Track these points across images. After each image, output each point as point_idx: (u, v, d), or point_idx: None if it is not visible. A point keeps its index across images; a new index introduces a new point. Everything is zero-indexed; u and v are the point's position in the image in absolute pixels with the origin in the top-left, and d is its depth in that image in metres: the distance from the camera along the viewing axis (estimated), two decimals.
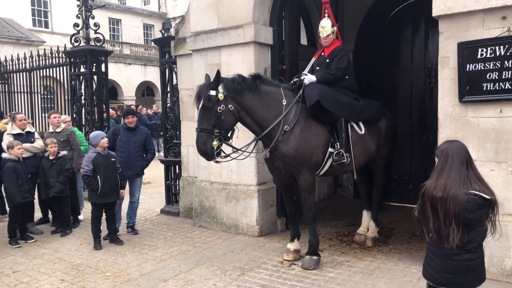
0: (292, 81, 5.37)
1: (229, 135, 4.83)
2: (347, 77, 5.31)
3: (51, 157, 6.42)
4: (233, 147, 4.93)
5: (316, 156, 4.98)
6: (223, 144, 4.70)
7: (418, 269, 4.75)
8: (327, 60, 5.30)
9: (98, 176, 5.76)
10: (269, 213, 6.29)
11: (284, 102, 4.95)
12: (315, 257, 4.99)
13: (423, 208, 2.74)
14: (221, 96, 4.59)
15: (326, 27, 5.32)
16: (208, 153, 4.60)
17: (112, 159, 5.93)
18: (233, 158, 4.96)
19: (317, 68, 5.38)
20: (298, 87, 5.17)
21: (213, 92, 4.59)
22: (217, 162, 4.83)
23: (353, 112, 5.22)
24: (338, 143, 5.03)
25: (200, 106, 4.62)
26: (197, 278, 4.77)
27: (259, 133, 4.95)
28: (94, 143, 5.87)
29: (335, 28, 5.37)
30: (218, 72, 4.65)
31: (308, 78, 5.13)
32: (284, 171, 5.01)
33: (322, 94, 4.92)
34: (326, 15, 5.38)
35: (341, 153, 4.98)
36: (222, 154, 4.75)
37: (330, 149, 5.04)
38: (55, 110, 7.67)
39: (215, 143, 4.57)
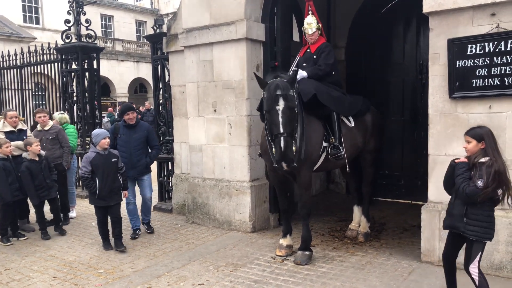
0: None
1: None
2: (333, 73, 5.40)
3: (36, 158, 6.05)
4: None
5: (316, 152, 5.03)
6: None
7: (409, 263, 4.82)
8: (314, 56, 5.37)
9: (97, 178, 5.40)
10: (261, 209, 6.31)
11: None
12: (307, 253, 5.03)
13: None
14: (296, 96, 4.52)
15: (312, 23, 5.39)
16: (293, 159, 4.43)
17: (113, 160, 5.54)
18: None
19: (304, 64, 5.44)
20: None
21: (292, 92, 4.47)
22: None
23: (343, 106, 5.30)
24: (332, 137, 5.08)
25: (283, 107, 4.36)
26: (189, 274, 4.79)
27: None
28: (94, 142, 5.50)
29: (320, 25, 5.45)
30: (296, 72, 4.53)
31: (300, 73, 5.16)
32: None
33: (317, 89, 4.99)
34: (310, 12, 5.45)
35: (336, 146, 5.04)
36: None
37: (324, 143, 5.09)
38: (40, 108, 7.50)
39: (294, 148, 4.46)
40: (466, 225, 3.46)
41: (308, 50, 5.48)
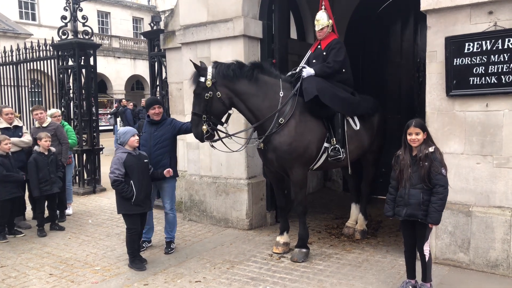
0: (290, 73, 5.34)
1: (223, 120, 4.97)
2: (344, 70, 5.30)
3: (45, 152, 6.18)
4: (225, 133, 5.01)
5: (310, 151, 4.97)
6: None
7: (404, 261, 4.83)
8: (324, 53, 5.28)
9: (132, 181, 4.78)
10: (258, 207, 6.31)
11: (281, 94, 4.94)
12: (304, 250, 5.03)
13: None
14: (208, 83, 4.70)
15: (320, 20, 5.30)
16: (199, 136, 4.87)
17: (145, 160, 4.98)
18: (224, 137, 5.05)
19: (314, 61, 5.35)
20: (296, 80, 5.14)
21: (202, 79, 4.74)
22: (212, 146, 5.05)
23: (349, 107, 5.21)
24: (334, 139, 5.03)
25: (194, 91, 4.85)
26: (186, 271, 4.79)
27: (253, 122, 5.01)
28: (122, 141, 4.86)
29: (331, 21, 5.33)
30: (201, 63, 4.87)
31: (307, 71, 5.10)
32: (276, 164, 5.01)
33: (321, 89, 4.89)
34: (323, 7, 5.35)
35: (337, 149, 4.99)
36: (216, 137, 4.96)
37: (325, 144, 5.05)
38: (37, 105, 7.52)
39: (204, 127, 4.75)
40: (424, 212, 3.73)
41: (319, 47, 5.38)
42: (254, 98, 4.87)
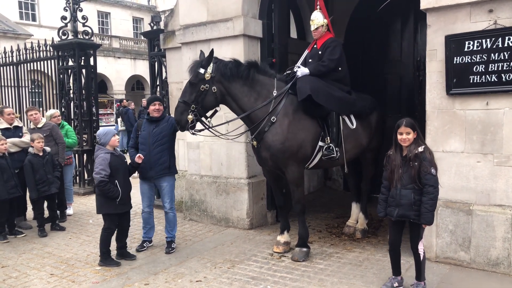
0: (285, 73, 5.34)
1: (208, 114, 5.05)
2: (340, 68, 5.29)
3: (40, 153, 6.17)
4: (207, 125, 5.07)
5: (304, 150, 4.96)
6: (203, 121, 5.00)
7: (406, 259, 4.81)
8: (320, 52, 5.28)
9: (117, 181, 4.86)
10: (259, 206, 6.31)
11: (275, 93, 4.97)
12: (304, 249, 5.03)
13: None
14: (207, 76, 4.78)
15: (315, 20, 5.32)
16: (182, 123, 4.87)
17: (125, 160, 5.12)
18: (209, 128, 5.08)
19: (310, 60, 5.36)
20: (291, 79, 5.14)
21: (201, 70, 4.80)
22: (193, 134, 5.04)
23: (345, 106, 5.19)
24: (328, 138, 5.02)
25: (188, 79, 4.89)
26: (187, 271, 4.79)
27: (246, 120, 5.06)
28: (104, 142, 4.93)
29: (326, 21, 5.35)
30: (212, 52, 4.85)
31: (301, 70, 5.10)
32: (271, 162, 5.02)
33: (315, 88, 4.88)
34: (318, 7, 5.37)
35: (331, 148, 4.98)
36: (198, 128, 4.99)
37: (320, 143, 5.04)
38: (31, 106, 7.57)
39: (190, 116, 4.80)
40: (416, 212, 3.73)
41: (315, 46, 5.39)
42: (246, 98, 4.92)
